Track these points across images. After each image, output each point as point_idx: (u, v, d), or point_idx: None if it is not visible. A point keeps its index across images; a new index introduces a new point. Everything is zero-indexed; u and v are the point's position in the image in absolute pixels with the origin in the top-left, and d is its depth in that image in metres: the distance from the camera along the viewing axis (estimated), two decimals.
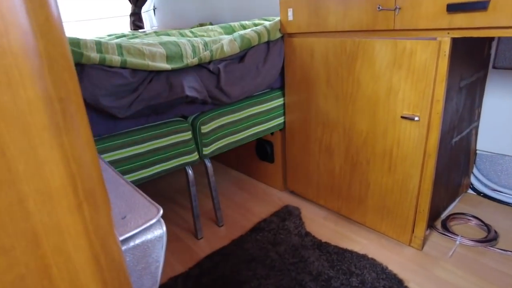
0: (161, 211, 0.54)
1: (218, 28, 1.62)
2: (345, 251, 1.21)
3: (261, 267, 1.16)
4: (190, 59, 1.09)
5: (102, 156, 1.01)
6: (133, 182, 1.10)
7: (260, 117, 1.41)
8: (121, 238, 0.49)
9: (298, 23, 1.29)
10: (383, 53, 1.08)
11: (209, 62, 1.16)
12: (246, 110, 1.35)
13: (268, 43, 1.33)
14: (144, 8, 2.44)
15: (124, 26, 2.37)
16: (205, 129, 1.22)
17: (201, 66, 1.15)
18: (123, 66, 0.95)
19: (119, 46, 0.99)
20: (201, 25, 2.14)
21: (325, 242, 1.26)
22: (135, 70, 0.98)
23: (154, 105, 1.04)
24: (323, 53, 1.24)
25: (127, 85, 0.96)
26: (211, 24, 2.14)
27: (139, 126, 1.10)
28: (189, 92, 1.06)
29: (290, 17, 1.31)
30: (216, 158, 2.07)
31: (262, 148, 1.64)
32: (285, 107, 1.48)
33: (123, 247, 0.49)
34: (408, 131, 1.08)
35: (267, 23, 1.34)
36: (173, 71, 1.07)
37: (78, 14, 2.21)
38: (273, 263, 1.18)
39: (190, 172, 1.27)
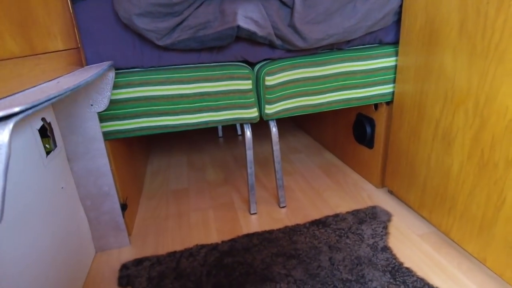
0: (17, 109, 0.36)
1: None
2: None
3: (301, 270, 0.86)
4: None
5: (144, 88, 0.91)
6: (175, 126, 0.97)
7: (356, 78, 1.05)
8: None
9: None
10: None
11: None
12: (334, 66, 1.02)
13: None
14: None
15: None
16: (270, 80, 0.97)
17: None
18: None
19: None
20: None
21: (407, 268, 0.85)
22: None
23: (203, 37, 0.87)
24: None
25: (167, 6, 0.81)
26: None
27: (189, 63, 0.95)
28: (242, 23, 0.83)
29: None
30: (312, 134, 1.78)
31: (361, 126, 1.26)
32: (397, 70, 1.06)
33: None
34: None
35: None
36: None
37: None
38: (318, 270, 0.86)
39: (248, 132, 1.05)
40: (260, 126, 2.05)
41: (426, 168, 0.97)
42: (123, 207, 1.02)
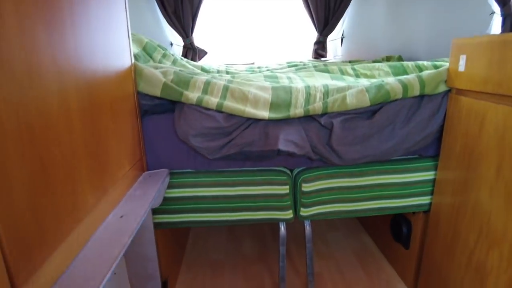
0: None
1: (385, 67, 1.35)
2: None
3: None
4: (297, 109, 0.94)
5: (194, 189, 1.03)
6: (217, 222, 1.07)
7: (392, 190, 1.07)
8: None
9: (470, 76, 0.89)
10: None
11: (323, 115, 0.97)
12: (371, 177, 1.06)
13: (421, 97, 0.99)
14: (331, 37, 2.38)
15: (308, 53, 2.40)
16: (307, 187, 1.04)
17: (311, 117, 0.98)
18: (219, 109, 0.92)
19: (226, 88, 0.97)
20: (388, 58, 1.87)
21: None
22: (231, 115, 0.94)
23: (248, 152, 0.96)
24: (498, 127, 0.80)
25: (219, 129, 0.93)
26: (400, 57, 1.84)
27: (235, 168, 1.05)
28: (283, 146, 0.92)
29: (461, 67, 0.92)
30: None
31: (397, 226, 1.26)
32: (435, 184, 1.07)
33: None
34: None
35: (425, 72, 1.00)
36: (273, 119, 0.95)
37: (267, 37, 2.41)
38: None
39: (282, 229, 1.12)
40: None
41: None
42: (164, 285, 1.13)
